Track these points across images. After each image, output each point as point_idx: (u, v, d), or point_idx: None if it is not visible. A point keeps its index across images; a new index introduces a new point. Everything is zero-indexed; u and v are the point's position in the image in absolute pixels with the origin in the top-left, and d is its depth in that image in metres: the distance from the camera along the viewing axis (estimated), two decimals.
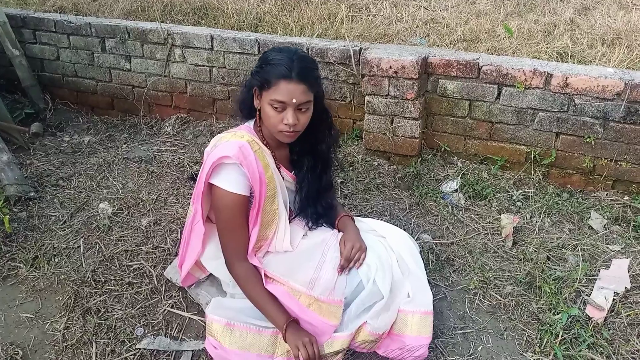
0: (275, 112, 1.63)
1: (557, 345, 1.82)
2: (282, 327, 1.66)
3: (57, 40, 3.67)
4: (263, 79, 1.63)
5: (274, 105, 1.62)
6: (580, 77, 2.51)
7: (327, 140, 1.86)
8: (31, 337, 1.90)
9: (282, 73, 1.60)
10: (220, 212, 1.72)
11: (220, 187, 1.67)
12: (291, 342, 1.63)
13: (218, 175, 1.68)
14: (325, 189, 1.92)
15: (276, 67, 1.61)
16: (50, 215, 2.54)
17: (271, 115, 1.64)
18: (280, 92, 1.60)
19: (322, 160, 1.87)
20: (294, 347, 1.63)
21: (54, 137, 3.43)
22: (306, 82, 1.62)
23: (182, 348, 1.85)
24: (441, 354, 1.83)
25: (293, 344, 1.63)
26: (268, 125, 1.69)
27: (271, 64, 1.63)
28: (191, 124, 3.51)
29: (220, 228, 1.75)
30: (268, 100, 1.62)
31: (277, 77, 1.60)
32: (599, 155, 2.63)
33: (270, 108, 1.63)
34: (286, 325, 1.65)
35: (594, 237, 2.37)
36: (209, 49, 3.26)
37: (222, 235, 1.75)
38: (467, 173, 2.83)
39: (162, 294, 2.08)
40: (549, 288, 2.05)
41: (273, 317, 1.69)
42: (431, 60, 2.76)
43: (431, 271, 2.19)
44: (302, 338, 1.63)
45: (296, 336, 1.64)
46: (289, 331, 1.65)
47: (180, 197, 2.67)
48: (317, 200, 1.90)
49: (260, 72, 1.65)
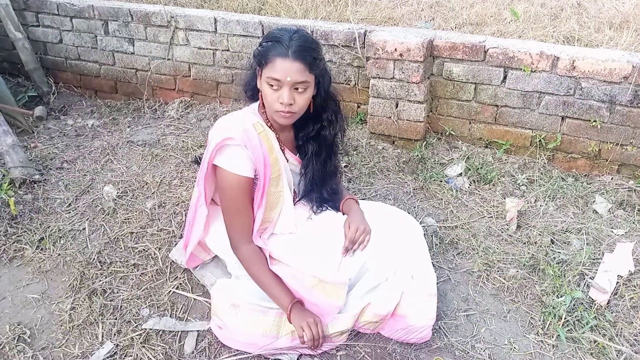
0: (271, 90, 1.62)
1: (560, 327, 1.83)
2: (286, 307, 1.67)
3: (60, 23, 3.65)
4: (261, 56, 1.62)
5: (270, 82, 1.61)
6: (587, 60, 2.48)
7: (333, 126, 1.85)
8: (38, 317, 1.91)
9: (279, 50, 1.59)
10: (225, 193, 1.72)
11: (224, 168, 1.68)
12: (296, 322, 1.65)
13: (222, 156, 1.68)
14: (330, 174, 1.92)
15: (274, 45, 1.60)
16: (55, 198, 2.55)
17: (268, 94, 1.63)
18: (275, 70, 1.59)
19: (327, 146, 1.86)
20: (298, 328, 1.64)
21: (57, 121, 3.43)
22: (303, 61, 1.60)
23: (187, 328, 1.87)
24: (444, 335, 1.85)
25: (298, 325, 1.64)
26: (266, 105, 1.68)
27: (271, 41, 1.62)
28: (195, 108, 3.50)
29: (225, 209, 1.75)
30: (265, 78, 1.62)
31: (274, 55, 1.59)
32: (605, 140, 2.62)
33: (267, 86, 1.62)
34: (291, 306, 1.66)
35: (599, 221, 2.37)
36: (213, 31, 3.24)
37: (226, 216, 1.76)
38: (471, 157, 2.82)
39: (168, 275, 2.09)
40: (553, 271, 2.05)
41: (278, 298, 1.70)
42: (437, 43, 2.74)
43: (435, 254, 2.20)
44: (306, 318, 1.64)
45: (301, 317, 1.65)
46: (293, 312, 1.66)
47: (185, 180, 2.68)
48: (322, 186, 1.89)
49: (260, 50, 1.65)
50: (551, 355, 1.77)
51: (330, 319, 1.73)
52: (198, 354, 1.77)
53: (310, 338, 1.62)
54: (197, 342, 1.82)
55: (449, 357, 1.76)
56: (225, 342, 1.78)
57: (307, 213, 1.93)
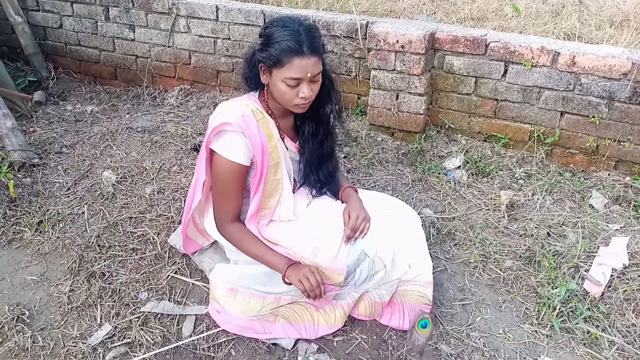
0: (289, 88, 1.60)
1: (555, 318, 1.85)
2: (282, 269, 1.67)
3: (61, 8, 3.64)
4: (273, 57, 1.58)
5: (288, 83, 1.59)
6: (587, 56, 2.50)
7: (328, 104, 1.83)
8: (37, 298, 1.92)
9: (294, 49, 1.55)
10: (217, 177, 1.71)
11: (220, 154, 1.66)
12: (293, 278, 1.64)
13: (219, 141, 1.67)
14: (327, 155, 1.90)
15: (286, 44, 1.55)
16: (54, 182, 2.55)
17: (286, 92, 1.61)
18: (294, 70, 1.56)
19: (324, 125, 1.85)
20: (297, 283, 1.63)
21: (56, 106, 3.43)
22: (317, 53, 1.59)
23: (185, 312, 1.88)
24: (440, 323, 1.87)
25: (295, 280, 1.63)
26: (282, 101, 1.66)
27: (279, 41, 1.57)
28: (194, 96, 3.50)
29: (214, 192, 1.75)
30: (281, 78, 1.59)
31: (289, 55, 1.55)
32: (603, 135, 2.64)
33: (284, 85, 1.60)
34: (287, 266, 1.67)
35: (595, 215, 2.39)
36: (214, 19, 3.23)
37: (215, 199, 1.75)
38: (470, 150, 2.84)
39: (166, 260, 2.10)
40: (548, 263, 2.07)
41: (274, 263, 1.70)
42: (438, 36, 2.75)
43: (432, 244, 2.21)
44: (302, 271, 1.63)
45: (296, 272, 1.64)
46: (288, 271, 1.66)
47: (184, 167, 2.68)
48: (319, 167, 1.88)
49: (269, 51, 1.59)
50: (545, 344, 1.79)
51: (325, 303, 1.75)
52: (196, 337, 1.78)
53: (309, 288, 1.61)
54: (195, 325, 1.83)
55: (444, 345, 1.78)
56: (222, 326, 1.79)
57: (306, 200, 1.93)
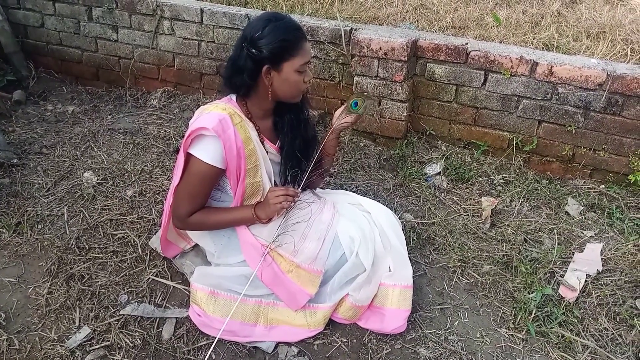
0: (299, 76, 1.68)
1: (530, 322, 1.89)
2: (252, 214, 1.75)
3: (42, 7, 3.59)
4: (287, 53, 1.63)
5: (300, 70, 1.67)
6: (564, 67, 2.56)
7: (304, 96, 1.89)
8: (14, 300, 1.90)
9: (298, 36, 1.65)
10: (189, 176, 1.71)
11: (196, 156, 1.67)
12: (266, 209, 1.73)
13: (196, 146, 1.68)
14: (305, 146, 1.89)
15: (293, 34, 1.64)
16: (34, 183, 2.52)
17: (297, 80, 1.68)
18: (305, 53, 1.67)
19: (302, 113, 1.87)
20: (273, 207, 1.71)
21: (37, 106, 3.38)
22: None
23: (165, 315, 1.87)
24: (419, 327, 1.89)
25: (269, 209, 1.72)
26: (293, 93, 1.73)
27: (284, 38, 1.62)
28: (178, 98, 3.49)
29: (182, 191, 1.74)
30: (295, 68, 1.65)
31: (301, 41, 1.65)
32: (579, 144, 2.71)
33: (297, 74, 1.67)
34: (253, 208, 1.76)
35: (570, 222, 2.45)
36: (199, 22, 3.23)
37: (181, 197, 1.75)
38: (450, 157, 2.89)
39: (147, 262, 2.09)
40: (525, 268, 2.12)
41: (242, 215, 1.78)
42: (421, 44, 2.79)
43: (412, 249, 2.24)
44: (267, 199, 1.73)
45: (263, 204, 1.75)
46: (257, 209, 1.76)
47: (166, 170, 2.67)
48: (299, 162, 1.86)
49: (279, 51, 1.62)
50: (521, 348, 1.83)
51: (298, 307, 1.77)
52: (176, 340, 1.78)
53: (285, 198, 1.69)
54: (175, 328, 1.82)
55: (422, 349, 1.81)
56: (203, 330, 1.79)
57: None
